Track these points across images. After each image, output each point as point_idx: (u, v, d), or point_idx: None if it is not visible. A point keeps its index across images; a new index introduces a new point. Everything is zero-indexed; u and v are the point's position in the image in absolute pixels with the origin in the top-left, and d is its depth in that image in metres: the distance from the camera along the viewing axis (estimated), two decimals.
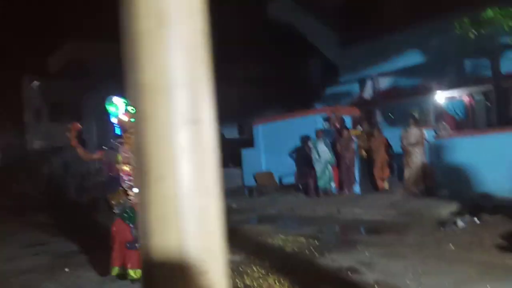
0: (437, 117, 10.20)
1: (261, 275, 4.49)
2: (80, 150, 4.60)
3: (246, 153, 13.41)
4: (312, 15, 12.84)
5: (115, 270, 4.52)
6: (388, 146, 10.14)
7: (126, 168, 4.54)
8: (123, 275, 4.52)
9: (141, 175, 0.54)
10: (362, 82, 13.19)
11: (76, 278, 5.07)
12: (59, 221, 10.59)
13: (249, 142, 13.59)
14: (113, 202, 4.57)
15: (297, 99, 16.86)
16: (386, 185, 9.85)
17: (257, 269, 4.74)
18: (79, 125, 4.67)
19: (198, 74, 0.52)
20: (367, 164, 10.29)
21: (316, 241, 5.95)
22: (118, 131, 5.03)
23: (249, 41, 18.38)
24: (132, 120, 3.58)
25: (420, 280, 3.89)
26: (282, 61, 18.64)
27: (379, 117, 11.89)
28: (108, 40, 22.78)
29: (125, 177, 4.50)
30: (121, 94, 5.40)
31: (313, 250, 5.53)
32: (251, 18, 16.21)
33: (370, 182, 10.19)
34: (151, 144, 0.53)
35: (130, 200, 4.49)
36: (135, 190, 4.49)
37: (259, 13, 14.18)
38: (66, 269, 5.48)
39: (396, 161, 10.17)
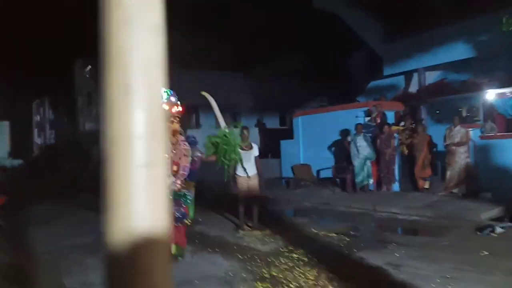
0: (486, 115, 9.70)
1: (288, 267, 4.62)
2: None
3: (285, 145, 13.46)
4: (357, 6, 12.54)
5: None
6: (431, 144, 9.83)
7: None
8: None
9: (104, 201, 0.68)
10: (407, 76, 12.78)
11: None
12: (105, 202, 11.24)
13: (290, 133, 13.60)
14: None
15: (340, 91, 16.64)
16: (427, 184, 9.56)
17: (285, 260, 4.87)
18: None
19: (155, 129, 0.65)
20: (409, 162, 10.04)
21: (347, 238, 5.97)
22: None
23: (294, 32, 18.28)
24: (173, 109, 3.74)
25: (447, 286, 3.85)
26: (326, 53, 18.40)
27: (424, 113, 11.48)
28: None
29: None
30: (166, 83, 5.69)
31: (343, 246, 5.58)
32: (297, 9, 16.10)
33: (410, 181, 9.95)
34: (114, 181, 0.66)
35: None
36: (172, 179, 4.73)
37: (305, 4, 14.04)
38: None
39: (440, 160, 9.83)
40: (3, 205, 6.09)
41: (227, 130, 5.44)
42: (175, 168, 4.76)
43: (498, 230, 5.73)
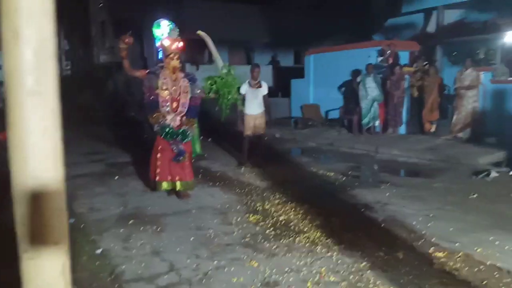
0: (503, 58, 9.37)
1: (280, 202, 4.88)
2: (126, 62, 4.83)
3: (295, 84, 13.34)
4: None
5: (164, 185, 4.89)
6: (442, 87, 9.64)
7: (164, 93, 4.81)
8: (171, 189, 4.95)
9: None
10: (426, 14, 12.19)
11: (123, 185, 5.79)
12: (117, 134, 11.63)
13: (303, 72, 13.40)
14: (152, 121, 4.89)
15: (356, 28, 16.02)
16: (433, 128, 9.54)
17: (279, 196, 5.13)
18: (131, 38, 4.77)
19: (43, 65, 0.78)
20: (418, 104, 9.93)
21: (344, 177, 6.17)
22: (161, 55, 5.30)
23: None
24: (174, 45, 3.79)
25: (428, 224, 4.05)
26: None
27: (440, 55, 11.11)
28: None
29: (162, 103, 4.81)
30: (170, 17, 5.56)
31: (337, 184, 5.80)
32: None
33: (418, 124, 9.92)
34: (10, 108, 0.81)
35: (166, 122, 4.84)
36: (171, 115, 4.86)
37: None
38: (116, 177, 6.25)
39: (450, 103, 9.70)
40: None
41: (224, 71, 5.43)
42: (174, 104, 4.86)
43: (493, 174, 5.83)
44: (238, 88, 5.98)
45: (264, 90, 6.76)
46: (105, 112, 16.15)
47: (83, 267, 3.20)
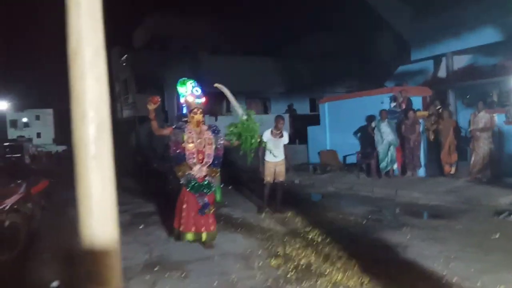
0: None
1: (302, 246, 4.95)
2: (154, 124, 5.08)
3: (311, 131, 13.66)
4: None
5: (188, 236, 5.03)
6: (457, 129, 9.76)
7: (190, 146, 5.06)
8: (195, 240, 5.06)
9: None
10: (436, 61, 12.57)
11: (147, 235, 5.98)
12: (141, 185, 11.97)
13: (319, 119, 13.74)
14: (179, 174, 5.12)
15: (369, 75, 16.52)
16: (452, 170, 9.56)
17: (300, 240, 5.21)
18: (158, 98, 5.04)
19: (101, 135, 1.07)
20: (435, 147, 10.03)
21: (364, 221, 6.22)
22: (185, 110, 5.61)
23: (321, 15, 18.20)
24: (197, 101, 4.11)
25: (449, 265, 4.06)
26: (354, 37, 18.23)
27: (452, 98, 11.32)
28: (188, 15, 23.95)
29: (189, 155, 5.05)
30: (193, 73, 5.93)
31: (358, 228, 5.84)
32: None
33: (437, 166, 9.95)
34: (78, 168, 1.08)
35: (193, 174, 5.05)
36: (198, 166, 5.10)
37: None
38: (141, 226, 6.46)
39: (467, 145, 9.75)
40: (46, 188, 6.74)
41: (245, 117, 5.56)
42: (200, 156, 5.10)
43: None
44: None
45: (285, 139, 7.06)
46: (129, 164, 16.65)
47: None
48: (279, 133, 6.97)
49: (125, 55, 26.93)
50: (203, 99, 5.29)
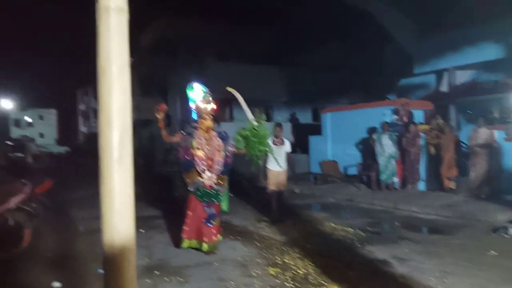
0: None
1: (300, 256, 5.03)
2: (164, 132, 5.06)
3: (313, 140, 13.75)
4: (389, 3, 12.57)
5: (187, 243, 5.09)
6: (458, 144, 9.84)
7: (199, 153, 5.06)
8: (196, 248, 5.10)
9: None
10: (438, 75, 12.70)
11: (148, 239, 6.05)
12: (143, 189, 12.04)
13: (320, 129, 13.82)
14: (188, 180, 5.11)
15: (371, 88, 16.65)
16: (452, 184, 9.62)
17: (298, 250, 5.29)
18: (165, 106, 5.01)
19: (123, 141, 1.17)
20: (436, 161, 10.10)
21: (362, 233, 6.29)
22: (194, 116, 5.56)
23: (327, 27, 18.39)
24: (208, 106, 4.14)
25: (444, 280, 4.14)
26: (358, 49, 18.41)
27: (453, 113, 11.43)
28: (196, 19, 24.14)
29: (198, 161, 5.04)
30: (198, 79, 5.90)
31: (356, 240, 5.91)
32: (329, 4, 16.23)
33: (436, 180, 10.02)
34: (102, 169, 1.19)
35: (202, 181, 5.06)
36: (208, 173, 5.09)
37: None
38: (142, 230, 6.53)
39: (467, 160, 9.83)
40: (50, 189, 6.85)
41: (255, 123, 5.52)
42: (210, 163, 5.09)
43: (511, 231, 5.85)
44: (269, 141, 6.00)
45: (287, 147, 7.13)
46: None
47: None
48: (280, 141, 7.04)
49: (131, 58, 27.08)
50: (213, 105, 5.28)
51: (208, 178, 5.05)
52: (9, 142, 22.48)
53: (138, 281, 4.10)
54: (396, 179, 10.24)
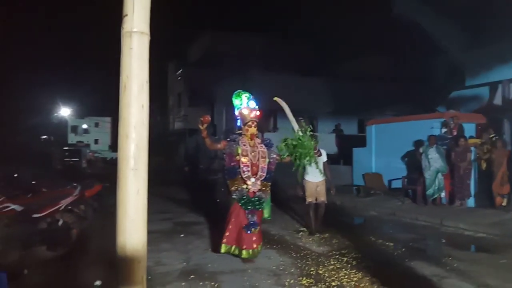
0: None
1: (335, 268, 4.97)
2: (207, 141, 5.18)
3: (357, 152, 13.50)
4: (439, 13, 12.16)
5: (225, 248, 5.12)
6: (511, 160, 9.27)
7: (244, 159, 5.13)
8: (234, 254, 5.13)
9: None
10: (492, 87, 12.05)
11: (187, 244, 6.24)
12: (186, 195, 12.41)
13: (365, 140, 13.56)
14: (232, 188, 5.18)
15: (420, 100, 16.12)
16: (504, 202, 9.06)
17: (334, 262, 5.22)
18: (209, 118, 5.10)
19: (140, 152, 1.26)
20: (487, 177, 9.57)
21: (403, 248, 6.09)
22: (239, 123, 5.53)
23: (374, 38, 18.12)
24: (252, 113, 4.23)
25: None
26: (407, 60, 17.94)
27: (507, 127, 10.78)
28: (242, 33, 24.72)
29: (243, 168, 5.12)
30: (243, 89, 6.02)
31: (396, 255, 5.74)
32: (377, 14, 16.01)
33: (487, 197, 9.48)
34: (120, 177, 1.29)
35: (247, 188, 5.14)
36: (252, 180, 5.17)
37: (385, 10, 13.95)
38: (181, 235, 6.74)
39: None
40: (99, 192, 7.25)
41: (301, 133, 5.49)
42: (254, 169, 5.16)
43: None
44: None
45: (324, 157, 7.09)
46: (177, 174, 17.28)
47: None
48: (317, 152, 6.98)
49: (180, 70, 28.19)
50: (258, 112, 5.34)
51: (252, 184, 5.11)
52: (65, 148, 23.98)
53: (173, 284, 4.24)
54: (443, 195, 9.81)
